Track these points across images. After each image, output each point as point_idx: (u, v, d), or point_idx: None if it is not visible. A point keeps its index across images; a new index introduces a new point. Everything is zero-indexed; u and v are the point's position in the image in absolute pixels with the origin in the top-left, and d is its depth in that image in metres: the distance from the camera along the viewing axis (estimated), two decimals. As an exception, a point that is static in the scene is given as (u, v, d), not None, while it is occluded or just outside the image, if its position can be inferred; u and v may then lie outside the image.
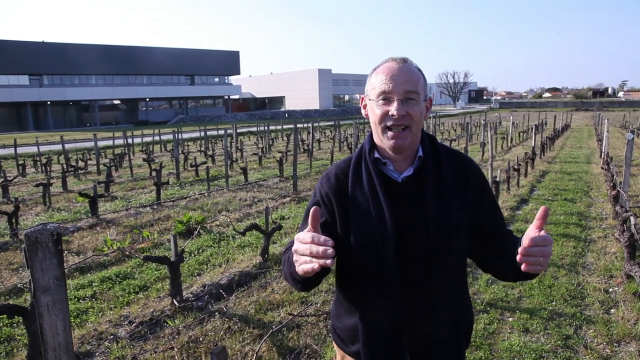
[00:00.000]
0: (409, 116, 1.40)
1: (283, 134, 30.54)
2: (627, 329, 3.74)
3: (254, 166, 14.65)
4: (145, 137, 26.32)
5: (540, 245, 1.19)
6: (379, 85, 1.42)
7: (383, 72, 1.43)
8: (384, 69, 1.43)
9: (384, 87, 1.41)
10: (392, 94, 1.40)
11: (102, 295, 4.70)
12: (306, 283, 1.40)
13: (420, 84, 1.43)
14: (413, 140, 1.45)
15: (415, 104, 1.41)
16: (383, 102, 1.42)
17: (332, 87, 74.39)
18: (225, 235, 6.63)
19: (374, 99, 1.44)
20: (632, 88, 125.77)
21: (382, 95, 1.42)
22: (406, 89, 1.40)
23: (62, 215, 8.24)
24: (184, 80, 60.80)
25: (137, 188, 11.21)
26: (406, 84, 1.40)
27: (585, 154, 16.38)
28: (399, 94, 1.40)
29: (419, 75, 1.45)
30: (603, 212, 7.55)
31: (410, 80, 1.41)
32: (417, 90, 1.41)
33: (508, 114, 48.63)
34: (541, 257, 1.19)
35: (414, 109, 1.40)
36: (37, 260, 1.42)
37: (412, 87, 1.41)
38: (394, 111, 1.39)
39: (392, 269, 1.40)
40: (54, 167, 15.65)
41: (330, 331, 1.79)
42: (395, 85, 1.40)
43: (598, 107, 58.22)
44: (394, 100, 1.40)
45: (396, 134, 1.41)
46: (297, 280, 1.39)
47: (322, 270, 1.36)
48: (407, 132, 1.42)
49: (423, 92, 1.44)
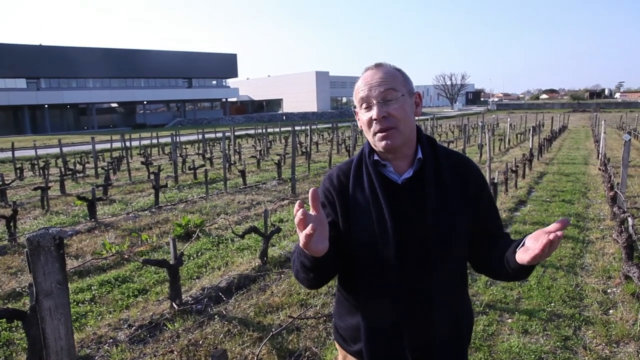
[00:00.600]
0: (392, 116, 1.42)
1: (281, 136, 30.54)
2: (625, 329, 3.75)
3: (252, 169, 14.65)
4: (143, 140, 26.30)
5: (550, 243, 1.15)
6: (358, 94, 1.48)
7: (362, 81, 1.48)
8: (362, 78, 1.49)
9: (361, 94, 1.46)
10: (370, 98, 1.44)
11: (101, 299, 4.69)
12: (317, 271, 1.39)
13: (397, 81, 1.45)
14: (405, 139, 1.46)
15: (395, 102, 1.43)
16: (365, 110, 1.47)
17: (329, 90, 74.53)
18: (224, 238, 6.63)
19: (358, 108, 1.50)
20: (628, 89, 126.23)
21: (362, 102, 1.47)
22: (381, 90, 1.42)
23: (61, 218, 8.23)
24: (181, 83, 60.79)
25: (135, 191, 11.20)
26: (380, 85, 1.43)
27: (582, 155, 16.43)
28: (376, 97, 1.43)
29: (394, 74, 1.47)
30: (601, 213, 7.57)
31: (385, 80, 1.44)
32: (393, 88, 1.43)
33: (505, 115, 48.77)
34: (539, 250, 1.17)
35: (394, 107, 1.42)
36: (40, 264, 1.42)
37: (386, 85, 1.43)
38: (374, 115, 1.42)
39: (392, 269, 1.42)
40: (51, 171, 15.64)
41: (332, 331, 1.80)
42: (369, 89, 1.44)
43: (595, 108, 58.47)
44: (373, 104, 1.43)
45: (384, 135, 1.43)
46: (307, 269, 1.39)
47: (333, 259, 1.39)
48: (395, 132, 1.43)
49: (403, 87, 1.46)
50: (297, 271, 1.46)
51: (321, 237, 1.25)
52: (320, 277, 1.45)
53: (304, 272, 1.42)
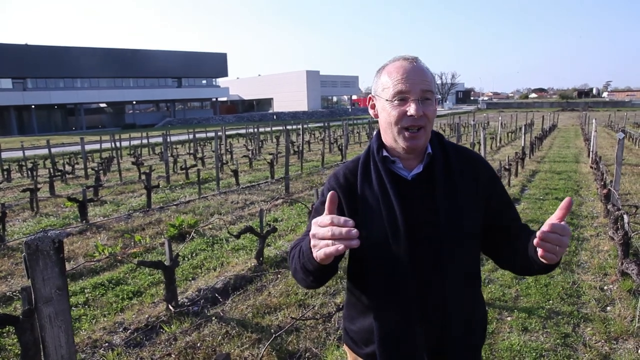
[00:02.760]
0: (425, 117, 1.39)
1: (272, 136, 30.44)
2: (624, 326, 3.76)
3: (245, 168, 14.56)
4: (133, 141, 26.07)
5: (558, 233, 1.18)
6: (394, 84, 1.39)
7: (397, 72, 1.40)
8: (398, 68, 1.41)
9: (400, 86, 1.38)
10: (409, 93, 1.38)
11: (95, 302, 4.61)
12: (319, 275, 1.34)
13: (433, 84, 1.44)
14: (426, 140, 1.45)
15: (431, 103, 1.40)
16: (399, 103, 1.39)
17: (320, 89, 74.41)
18: (218, 239, 6.57)
19: (388, 99, 1.41)
20: (615, 88, 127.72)
21: (398, 95, 1.39)
22: (423, 89, 1.38)
23: (51, 220, 8.10)
24: (171, 83, 60.33)
25: (126, 192, 11.08)
26: (422, 83, 1.39)
27: (573, 153, 16.56)
28: (416, 94, 1.38)
29: (431, 75, 1.45)
30: (594, 211, 7.61)
31: (426, 79, 1.40)
32: (431, 90, 1.41)
33: (496, 114, 49.09)
34: (557, 246, 1.19)
35: (429, 109, 1.40)
36: (38, 269, 1.36)
37: (427, 86, 1.40)
38: (412, 112, 1.37)
39: (404, 267, 1.39)
40: (40, 172, 15.42)
41: (342, 334, 1.76)
42: (412, 84, 1.38)
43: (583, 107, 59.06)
44: (411, 100, 1.38)
45: (412, 134, 1.40)
46: (308, 272, 1.33)
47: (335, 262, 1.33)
48: (422, 133, 1.41)
49: (435, 91, 1.46)
50: (296, 270, 1.40)
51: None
52: (319, 280, 1.40)
53: (303, 274, 1.37)
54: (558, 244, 1.18)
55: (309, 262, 1.27)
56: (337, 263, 1.39)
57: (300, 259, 1.34)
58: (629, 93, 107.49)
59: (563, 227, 1.18)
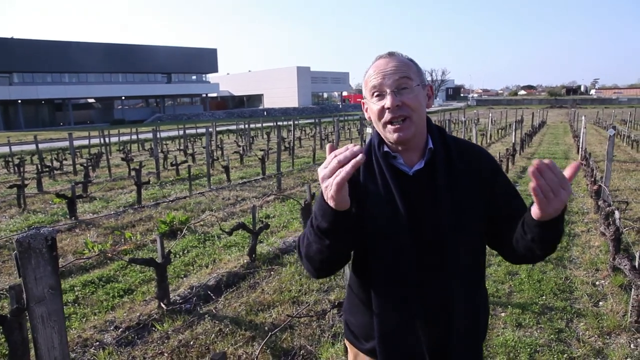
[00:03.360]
0: (406, 105, 1.36)
1: (263, 132, 30.31)
2: (616, 320, 3.78)
3: (236, 164, 14.48)
4: (122, 137, 25.79)
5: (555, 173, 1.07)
6: (370, 82, 1.41)
7: (372, 70, 1.42)
8: (373, 67, 1.43)
9: (374, 82, 1.39)
10: (383, 86, 1.37)
11: (85, 300, 4.54)
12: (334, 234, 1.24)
13: (411, 70, 1.40)
14: (417, 130, 1.41)
15: (409, 91, 1.37)
16: (377, 99, 1.40)
17: (310, 85, 74.21)
18: (210, 235, 6.51)
19: (368, 98, 1.43)
20: (603, 86, 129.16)
21: (374, 91, 1.40)
22: (395, 78, 1.36)
23: (39, 217, 7.98)
24: (160, 78, 59.79)
25: (116, 188, 10.96)
26: (395, 73, 1.37)
27: (562, 150, 16.68)
28: (390, 85, 1.36)
29: (408, 63, 1.42)
30: (584, 207, 7.67)
31: (399, 68, 1.38)
32: (408, 76, 1.38)
33: (485, 111, 49.34)
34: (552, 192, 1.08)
35: (408, 97, 1.37)
36: (30, 268, 1.32)
37: (401, 74, 1.37)
38: (387, 104, 1.36)
39: (406, 263, 1.38)
40: (27, 168, 15.20)
41: (343, 329, 1.73)
42: (383, 77, 1.37)
43: (572, 105, 59.65)
44: (387, 93, 1.37)
45: (397, 127, 1.37)
46: (324, 233, 1.25)
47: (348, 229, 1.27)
48: (409, 123, 1.38)
49: (417, 78, 1.41)
50: (309, 244, 1.33)
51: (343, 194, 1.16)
52: (335, 248, 1.29)
53: (319, 241, 1.28)
54: (553, 185, 1.07)
55: (324, 216, 1.21)
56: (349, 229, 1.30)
57: (314, 224, 1.27)
58: (616, 91, 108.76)
59: (561, 174, 1.07)
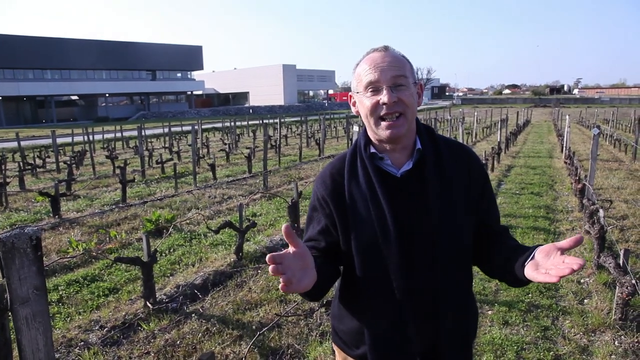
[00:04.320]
0: (402, 102, 1.34)
1: (249, 130, 30.18)
2: (601, 318, 3.83)
3: (222, 162, 14.38)
4: (107, 134, 25.46)
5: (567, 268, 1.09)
6: (365, 76, 1.36)
7: (367, 63, 1.38)
8: (367, 60, 1.38)
9: (370, 77, 1.35)
10: (380, 82, 1.34)
11: (69, 300, 4.46)
12: (310, 294, 1.35)
13: (406, 68, 1.38)
14: (409, 129, 1.39)
15: (405, 89, 1.35)
16: (372, 93, 1.36)
17: (296, 83, 74.15)
18: (196, 234, 6.45)
19: (361, 92, 1.38)
20: (586, 85, 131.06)
21: (369, 85, 1.36)
22: (393, 75, 1.34)
23: (21, 215, 7.83)
24: (145, 76, 59.13)
25: (100, 186, 10.81)
26: (392, 69, 1.34)
27: (547, 148, 16.89)
28: (387, 81, 1.34)
29: (403, 60, 1.39)
30: (568, 205, 7.76)
31: (396, 65, 1.36)
32: (404, 74, 1.36)
33: (470, 109, 49.73)
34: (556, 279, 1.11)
35: (404, 94, 1.35)
36: (14, 268, 1.28)
37: (398, 71, 1.35)
38: (385, 99, 1.32)
39: (395, 268, 1.35)
40: (9, 166, 14.93)
41: (330, 333, 1.72)
42: (381, 73, 1.34)
43: (555, 104, 60.47)
44: (383, 88, 1.34)
45: (391, 123, 1.35)
46: (304, 295, 1.35)
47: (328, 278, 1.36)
48: (402, 120, 1.35)
49: (411, 76, 1.39)
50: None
51: (305, 275, 1.17)
52: (316, 295, 1.39)
53: (301, 296, 1.37)
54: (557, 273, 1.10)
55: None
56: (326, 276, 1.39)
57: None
58: (599, 90, 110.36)
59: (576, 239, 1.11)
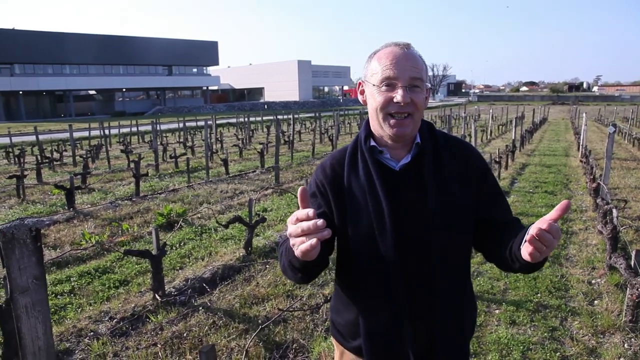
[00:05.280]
0: (413, 104, 1.35)
1: (263, 125, 30.27)
2: (611, 320, 3.77)
3: (235, 158, 14.47)
4: (123, 129, 25.77)
5: (552, 234, 1.10)
6: (383, 70, 1.35)
7: (387, 57, 1.36)
8: (387, 54, 1.37)
9: (388, 72, 1.34)
10: (397, 80, 1.34)
11: (80, 291, 4.54)
12: (307, 271, 1.31)
13: (424, 71, 1.39)
14: (414, 129, 1.40)
15: (420, 91, 1.36)
16: (386, 89, 1.36)
17: (311, 79, 74.04)
18: (207, 228, 6.51)
19: (376, 85, 1.37)
20: (606, 83, 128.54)
21: (385, 81, 1.35)
22: (412, 76, 1.34)
23: (38, 208, 7.98)
24: (161, 71, 59.62)
25: (115, 180, 10.95)
26: (411, 70, 1.34)
27: (563, 147, 16.64)
28: (404, 81, 1.33)
29: (422, 63, 1.40)
30: (583, 205, 7.65)
31: (416, 66, 1.36)
32: (421, 77, 1.36)
33: (487, 107, 49.17)
34: (546, 247, 1.12)
35: (418, 96, 1.35)
36: (14, 258, 1.31)
37: (417, 73, 1.35)
38: (399, 98, 1.33)
39: (391, 261, 1.35)
40: (27, 159, 15.20)
41: (329, 326, 1.73)
42: (400, 71, 1.33)
43: (574, 101, 59.42)
44: (399, 86, 1.33)
45: (398, 121, 1.35)
46: (296, 269, 1.31)
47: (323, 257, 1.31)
48: (410, 120, 1.36)
49: (426, 79, 1.40)
50: (285, 268, 1.37)
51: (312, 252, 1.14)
52: (309, 275, 1.37)
53: (291, 271, 1.34)
54: (548, 244, 1.11)
55: (295, 258, 1.23)
56: (326, 257, 1.36)
57: (288, 256, 1.31)
58: (619, 87, 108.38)
59: (557, 230, 1.11)
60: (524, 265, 1.27)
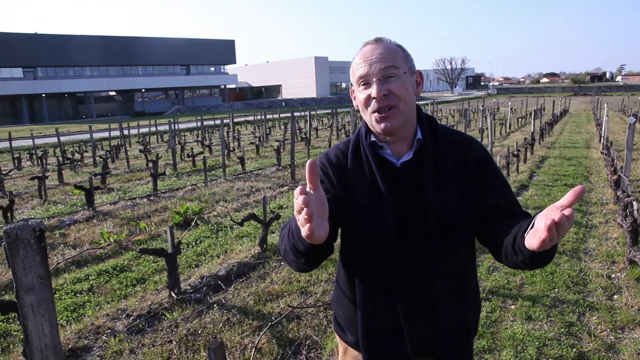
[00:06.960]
0: (392, 94, 1.32)
1: (280, 122, 30.37)
2: (630, 315, 3.69)
3: (252, 155, 14.55)
4: (142, 129, 26.18)
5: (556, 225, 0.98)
6: (356, 70, 1.37)
7: (359, 57, 1.38)
8: (360, 54, 1.38)
9: (361, 71, 1.35)
10: (369, 75, 1.34)
11: (99, 289, 4.64)
12: (311, 255, 1.23)
13: (398, 57, 1.35)
14: (405, 120, 1.36)
15: (396, 79, 1.33)
16: (364, 87, 1.36)
17: (328, 75, 73.98)
18: (223, 226, 6.57)
19: (355, 86, 1.40)
20: (630, 72, 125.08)
21: (361, 80, 1.36)
22: (382, 67, 1.32)
23: (59, 208, 8.16)
24: (179, 71, 60.32)
25: (133, 179, 11.13)
26: (381, 61, 1.32)
27: (584, 139, 16.31)
28: (376, 74, 1.32)
29: (395, 50, 1.36)
30: (604, 197, 7.49)
31: (385, 56, 1.33)
32: (394, 65, 1.33)
33: (506, 99, 48.47)
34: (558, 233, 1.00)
35: (395, 85, 1.32)
36: (19, 258, 1.34)
37: (387, 62, 1.33)
38: (373, 93, 1.32)
39: (392, 257, 1.35)
40: (49, 160, 15.56)
41: (331, 319, 1.73)
42: (369, 65, 1.33)
43: (596, 92, 58.14)
44: (372, 82, 1.33)
45: (382, 116, 1.33)
46: (299, 253, 1.23)
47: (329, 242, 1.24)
48: (395, 112, 1.33)
49: (404, 65, 1.36)
50: (286, 252, 1.30)
51: (322, 222, 1.06)
52: (312, 262, 1.30)
53: (294, 255, 1.26)
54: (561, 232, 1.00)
55: (299, 241, 1.18)
56: (331, 243, 1.30)
57: (290, 239, 1.25)
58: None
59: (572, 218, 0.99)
60: (528, 258, 1.17)
